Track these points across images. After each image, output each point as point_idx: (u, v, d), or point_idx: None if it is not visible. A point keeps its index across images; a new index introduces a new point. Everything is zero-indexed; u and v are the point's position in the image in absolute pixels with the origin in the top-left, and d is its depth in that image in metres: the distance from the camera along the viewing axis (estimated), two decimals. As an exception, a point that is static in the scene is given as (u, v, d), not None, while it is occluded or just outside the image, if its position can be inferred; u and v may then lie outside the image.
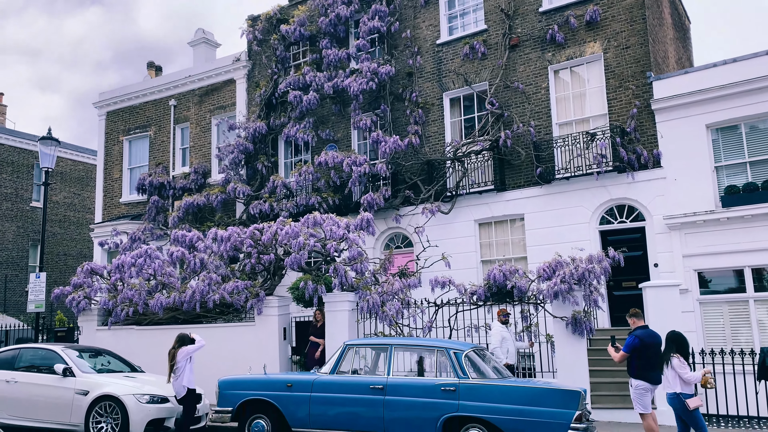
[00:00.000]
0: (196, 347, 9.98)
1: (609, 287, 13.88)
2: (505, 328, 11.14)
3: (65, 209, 30.13)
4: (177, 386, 9.78)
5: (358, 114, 17.31)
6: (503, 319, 11.23)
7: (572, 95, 15.36)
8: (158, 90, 21.80)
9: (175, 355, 9.77)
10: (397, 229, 16.77)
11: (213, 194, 18.42)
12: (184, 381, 9.73)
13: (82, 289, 14.84)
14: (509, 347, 10.99)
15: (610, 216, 14.45)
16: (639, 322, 8.83)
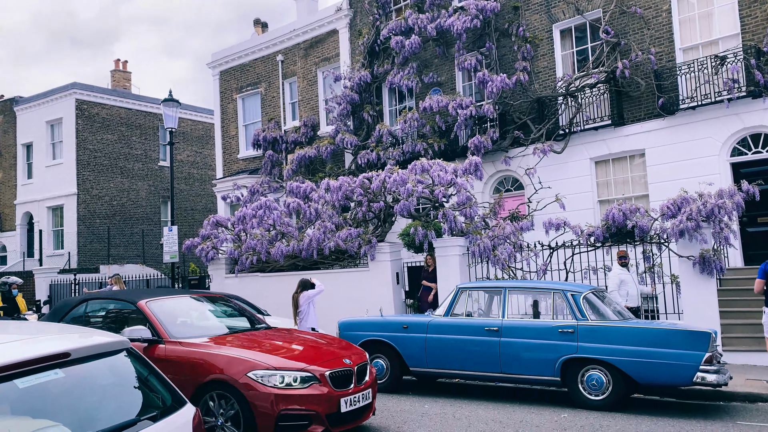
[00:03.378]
0: (317, 291, 10.48)
1: (742, 223, 12.85)
2: (624, 271, 10.67)
3: (189, 167, 32.24)
4: (302, 328, 10.37)
5: (462, 54, 16.84)
6: (622, 262, 10.73)
7: (698, 16, 13.98)
8: (265, 46, 22.39)
9: (298, 300, 10.33)
10: (506, 171, 16.39)
11: (323, 146, 18.88)
12: (309, 322, 10.29)
13: (209, 240, 15.93)
14: (629, 290, 10.54)
15: (743, 146, 13.23)
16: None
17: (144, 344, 6.60)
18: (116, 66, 32.89)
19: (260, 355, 6.27)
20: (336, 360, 6.45)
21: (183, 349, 6.51)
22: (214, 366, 6.16)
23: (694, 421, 7.38)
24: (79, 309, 7.68)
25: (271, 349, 6.57)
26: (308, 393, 5.98)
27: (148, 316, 6.91)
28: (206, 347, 6.49)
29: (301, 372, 6.08)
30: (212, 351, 6.38)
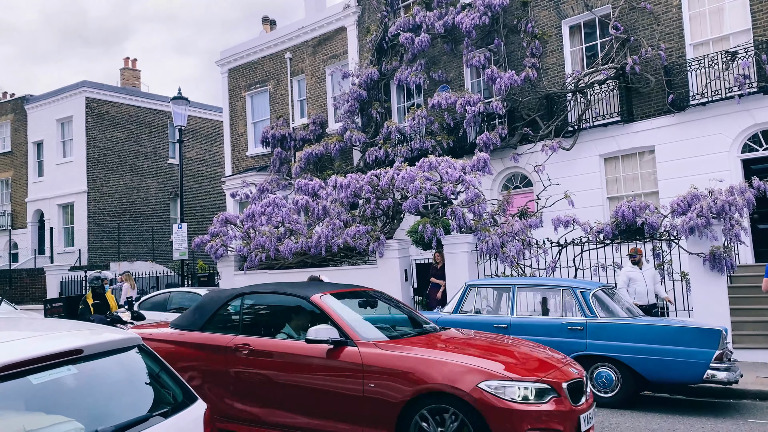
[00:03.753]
0: None
1: (753, 220, 12.76)
2: (634, 269, 10.54)
3: (198, 164, 32.38)
4: None
5: (470, 51, 16.80)
6: (633, 259, 10.63)
7: (708, 11, 13.88)
8: (273, 44, 22.43)
9: None
10: (515, 168, 16.35)
11: (331, 143, 18.90)
12: None
13: (219, 237, 16.00)
14: (637, 288, 10.41)
15: (754, 143, 13.14)
16: None
17: (328, 346, 5.48)
18: (125, 64, 33.05)
19: (485, 362, 5.13)
20: (563, 369, 5.35)
21: (383, 353, 5.31)
22: (429, 375, 5.01)
23: (704, 418, 7.35)
24: (230, 306, 6.51)
25: (485, 354, 5.39)
26: (551, 409, 4.92)
27: (328, 314, 5.79)
28: (411, 350, 5.32)
29: (538, 383, 4.98)
30: (424, 356, 5.20)
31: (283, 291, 6.50)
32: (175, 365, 5.72)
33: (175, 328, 6.60)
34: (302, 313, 6.18)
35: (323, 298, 6.02)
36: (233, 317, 6.48)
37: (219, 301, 6.52)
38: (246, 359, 5.88)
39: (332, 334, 5.46)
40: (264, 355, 5.83)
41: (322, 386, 5.49)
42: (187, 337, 6.34)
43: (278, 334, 6.13)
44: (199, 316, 6.49)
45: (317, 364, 5.53)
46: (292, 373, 5.64)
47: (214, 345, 6.12)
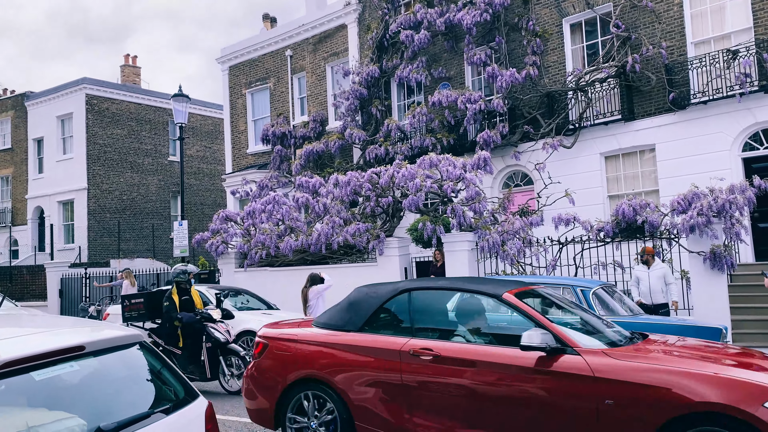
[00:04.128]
0: (326, 286, 10.55)
1: (753, 219, 12.76)
2: (642, 268, 10.51)
3: (198, 162, 32.37)
4: None
5: (471, 48, 16.79)
6: (641, 259, 10.58)
7: (710, 9, 13.86)
8: (274, 41, 22.40)
9: (307, 294, 10.40)
10: (515, 166, 16.35)
11: (331, 141, 18.90)
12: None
13: (219, 234, 16.01)
14: (641, 287, 10.38)
15: (755, 141, 13.13)
16: None
17: (538, 354, 4.65)
18: (126, 61, 33.01)
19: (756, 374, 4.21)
20: None
21: (624, 364, 4.41)
22: (696, 391, 4.09)
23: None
24: (393, 304, 5.66)
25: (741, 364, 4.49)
26: None
27: (532, 315, 4.97)
28: (658, 361, 4.41)
29: None
30: (682, 368, 4.27)
31: (464, 287, 5.59)
32: (330, 372, 5.41)
33: (323, 328, 5.81)
34: (489, 312, 5.39)
35: (520, 295, 5.27)
36: (400, 317, 5.61)
37: (378, 298, 5.68)
38: (429, 367, 5.02)
39: (548, 339, 4.62)
40: (455, 362, 4.94)
41: (536, 401, 4.61)
42: (344, 340, 5.54)
43: (458, 337, 5.30)
44: (355, 315, 5.68)
45: (528, 374, 4.67)
46: (495, 385, 4.77)
47: (382, 349, 5.29)
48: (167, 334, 9.17)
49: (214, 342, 8.88)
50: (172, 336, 9.12)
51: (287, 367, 5.67)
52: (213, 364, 8.88)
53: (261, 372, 5.86)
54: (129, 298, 9.72)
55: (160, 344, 9.22)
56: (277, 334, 5.96)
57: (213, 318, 9.05)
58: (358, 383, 5.31)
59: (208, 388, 9.42)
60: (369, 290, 5.88)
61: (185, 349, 9.05)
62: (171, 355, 9.11)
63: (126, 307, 9.64)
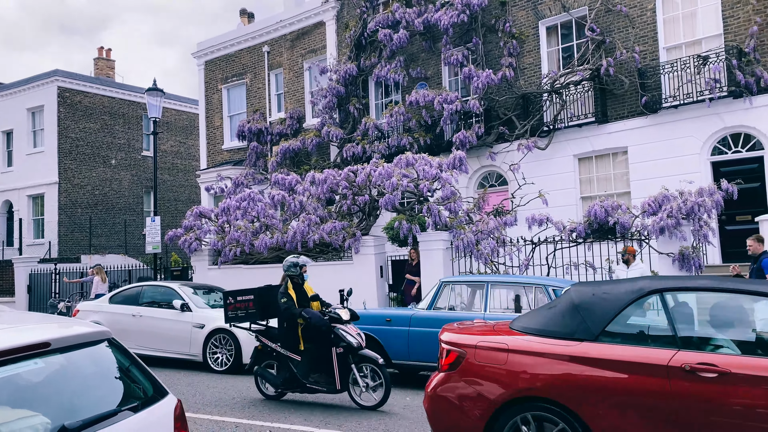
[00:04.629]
0: None
1: (721, 222, 13.06)
2: (622, 267, 10.68)
3: (173, 157, 31.97)
4: None
5: (448, 49, 16.86)
6: (623, 258, 10.73)
7: (682, 15, 14.13)
8: (251, 37, 22.23)
9: None
10: (491, 167, 16.47)
11: (308, 138, 18.83)
12: None
13: (192, 231, 15.85)
14: None
15: (724, 146, 13.43)
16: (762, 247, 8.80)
17: None
18: (100, 54, 32.47)
19: None
20: None
21: None
22: None
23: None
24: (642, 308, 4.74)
25: None
26: None
27: None
28: None
29: None
30: None
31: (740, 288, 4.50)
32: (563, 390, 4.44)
33: (538, 335, 4.80)
34: None
35: None
36: (655, 324, 4.66)
37: (617, 300, 4.68)
38: (714, 387, 4.07)
39: None
40: (754, 382, 4.00)
41: None
42: (579, 351, 4.54)
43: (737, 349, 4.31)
44: (587, 321, 4.66)
45: None
46: None
47: (639, 363, 4.32)
48: (285, 337, 7.94)
49: (347, 347, 7.60)
50: (290, 338, 7.88)
51: (498, 383, 4.66)
52: (343, 373, 7.63)
53: (458, 388, 4.84)
54: (233, 295, 8.35)
55: (272, 348, 8.04)
56: (479, 342, 4.88)
57: (342, 318, 7.77)
58: (604, 405, 4.35)
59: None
60: (598, 291, 4.87)
61: (306, 354, 7.82)
62: (288, 361, 7.88)
63: (230, 306, 8.27)
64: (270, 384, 8.24)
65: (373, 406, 7.56)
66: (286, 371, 7.91)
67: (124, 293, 12.55)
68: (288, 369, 7.88)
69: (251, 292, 8.29)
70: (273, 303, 8.13)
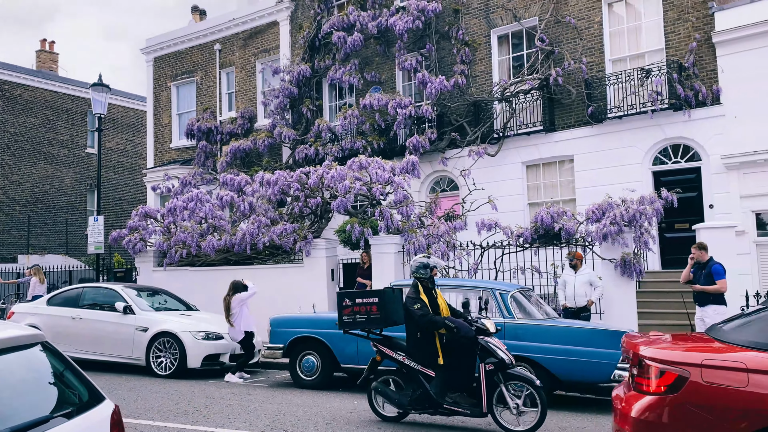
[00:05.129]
0: (249, 294, 10.36)
1: (661, 229, 13.55)
2: (570, 272, 10.89)
3: (118, 155, 31.03)
4: (235, 332, 10.22)
5: (403, 54, 16.97)
6: (570, 263, 10.99)
7: (627, 30, 14.63)
8: (203, 34, 21.82)
9: (230, 303, 10.19)
10: (443, 172, 16.64)
11: (260, 139, 18.59)
12: (243, 326, 10.18)
13: (137, 231, 15.41)
14: (567, 291, 10.76)
15: (664, 156, 13.96)
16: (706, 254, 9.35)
17: None
18: (42, 46, 31.25)
19: None
20: None
21: None
22: None
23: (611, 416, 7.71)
24: None
25: None
26: None
27: None
28: None
29: None
30: None
31: None
32: None
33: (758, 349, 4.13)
34: None
35: None
36: None
37: None
38: None
39: None
40: None
41: None
42: None
43: None
44: None
45: None
46: None
47: None
48: (417, 348, 6.84)
49: (498, 363, 6.60)
50: (425, 351, 6.78)
51: (742, 411, 3.91)
52: (489, 394, 6.63)
53: (683, 416, 4.10)
54: (351, 297, 7.23)
55: (398, 362, 6.97)
56: (704, 360, 4.14)
57: (489, 330, 6.76)
58: None
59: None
60: None
61: (445, 370, 6.75)
62: (419, 377, 6.79)
63: (346, 309, 7.18)
64: (392, 404, 7.03)
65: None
66: (417, 388, 6.82)
67: (64, 295, 12.09)
68: (419, 386, 6.80)
69: (375, 294, 7.25)
70: (397, 308, 7.15)
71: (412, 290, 6.95)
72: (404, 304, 6.94)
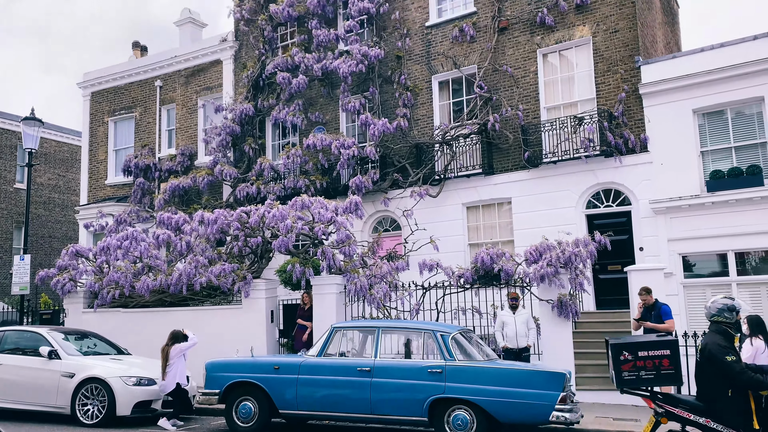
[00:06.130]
0: (189, 345, 10.02)
1: (594, 271, 13.99)
2: (508, 313, 11.09)
3: (50, 191, 29.78)
4: (165, 385, 9.80)
5: (346, 96, 17.19)
6: (510, 303, 11.18)
7: (561, 79, 15.34)
8: (143, 70, 21.50)
9: (169, 353, 9.81)
10: (385, 212, 16.76)
11: (200, 176, 18.27)
12: (177, 377, 9.79)
13: (67, 271, 14.72)
14: (507, 331, 10.92)
15: (597, 200, 14.53)
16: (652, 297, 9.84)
17: None
18: (-30, 76, 29.97)
19: None
20: None
21: None
22: None
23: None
24: None
25: None
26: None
27: None
28: None
29: None
30: None
31: None
32: None
33: None
34: None
35: None
36: None
37: None
38: None
39: None
40: None
41: None
42: None
43: None
44: None
45: None
46: None
47: None
48: (728, 409, 5.72)
49: None
50: (737, 412, 5.70)
51: None
52: None
53: None
54: (631, 349, 5.98)
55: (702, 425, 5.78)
56: None
57: None
58: None
59: None
60: None
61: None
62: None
63: (626, 364, 5.94)
64: None
65: None
66: None
67: (-18, 339, 11.31)
68: None
69: (665, 345, 5.98)
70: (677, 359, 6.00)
71: (720, 338, 5.87)
72: (711, 354, 5.78)
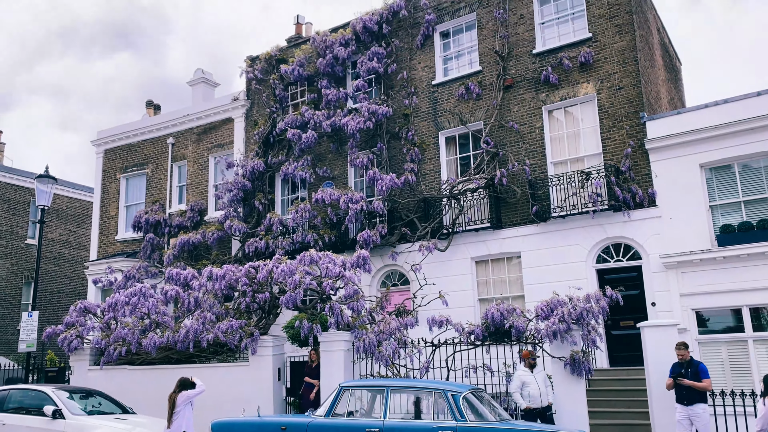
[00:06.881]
0: (197, 392, 9.85)
1: (607, 326, 13.77)
2: (527, 372, 10.76)
3: (60, 246, 30.00)
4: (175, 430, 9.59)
5: (355, 152, 17.44)
6: (528, 363, 10.89)
7: (566, 134, 15.52)
8: (156, 128, 21.97)
9: (176, 400, 9.64)
10: (393, 266, 16.71)
11: (209, 232, 18.38)
12: (183, 425, 9.57)
13: (74, 328, 14.65)
14: (530, 391, 10.56)
15: (607, 254, 14.44)
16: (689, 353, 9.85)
17: None
18: (-12, 135, 30.75)
19: None
20: None
21: None
22: None
23: None
24: None
25: None
26: None
27: None
28: None
29: None
30: None
31: None
32: None
33: None
34: None
35: None
36: None
37: None
38: None
39: None
40: None
41: None
42: None
43: None
44: None
45: None
46: None
47: None
48: None
49: None
50: None
51: None
52: None
53: None
54: None
55: None
56: None
57: None
58: None
59: None
60: None
61: None
62: None
63: None
64: None
65: None
66: None
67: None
68: None
69: None
70: None
71: None
72: None
